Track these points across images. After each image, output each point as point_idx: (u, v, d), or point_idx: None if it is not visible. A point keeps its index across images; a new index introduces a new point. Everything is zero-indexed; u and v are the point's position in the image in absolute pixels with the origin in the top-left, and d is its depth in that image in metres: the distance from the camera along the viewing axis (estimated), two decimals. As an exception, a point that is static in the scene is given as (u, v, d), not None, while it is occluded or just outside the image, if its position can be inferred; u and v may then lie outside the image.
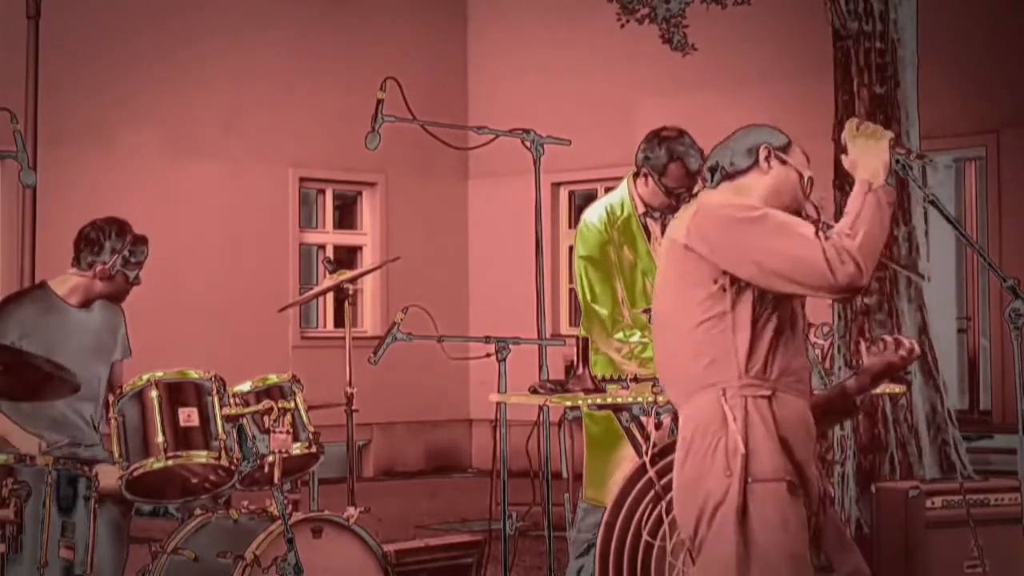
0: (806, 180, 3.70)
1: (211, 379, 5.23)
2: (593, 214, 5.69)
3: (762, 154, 3.69)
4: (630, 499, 4.97)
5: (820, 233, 3.45)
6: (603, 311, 5.54)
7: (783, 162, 3.70)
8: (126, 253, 5.47)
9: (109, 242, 5.46)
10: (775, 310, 3.56)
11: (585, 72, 13.09)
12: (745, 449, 3.49)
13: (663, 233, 5.65)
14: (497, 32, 14.05)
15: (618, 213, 5.62)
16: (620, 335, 5.49)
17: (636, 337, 5.47)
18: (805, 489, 3.53)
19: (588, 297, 5.58)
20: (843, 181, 9.10)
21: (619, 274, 5.58)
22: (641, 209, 5.61)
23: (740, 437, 3.50)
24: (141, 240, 5.55)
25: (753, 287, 3.53)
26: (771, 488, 3.49)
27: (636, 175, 5.65)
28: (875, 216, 3.46)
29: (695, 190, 5.51)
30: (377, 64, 10.79)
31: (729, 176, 3.71)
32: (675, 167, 5.52)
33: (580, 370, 5.16)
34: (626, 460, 5.22)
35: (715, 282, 3.56)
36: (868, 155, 3.52)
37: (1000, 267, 3.65)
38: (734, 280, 3.54)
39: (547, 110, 11.72)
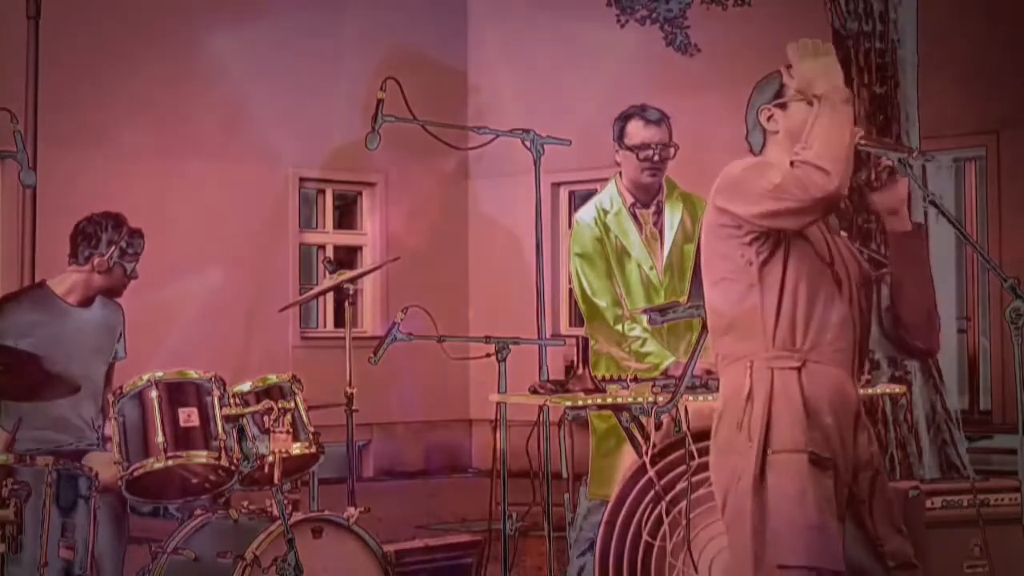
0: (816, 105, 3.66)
1: (211, 379, 5.23)
2: (585, 213, 5.77)
3: (763, 119, 3.74)
4: (630, 499, 4.98)
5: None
6: (602, 303, 5.57)
7: (783, 108, 3.73)
8: (123, 244, 5.48)
9: (106, 234, 5.48)
10: (805, 281, 3.58)
11: (585, 72, 13.09)
12: (767, 421, 3.52)
13: (655, 222, 5.71)
14: (497, 32, 14.05)
15: (608, 208, 5.69)
16: (621, 327, 5.52)
17: (637, 331, 5.48)
18: (836, 461, 3.54)
19: (588, 292, 5.61)
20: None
21: (616, 268, 5.61)
22: (630, 201, 5.68)
23: (762, 409, 3.53)
24: (137, 232, 5.57)
25: (779, 259, 3.57)
26: (791, 459, 3.51)
27: (618, 165, 5.74)
28: (829, 121, 3.51)
29: (670, 152, 5.60)
30: (377, 64, 10.80)
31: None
32: (632, 123, 5.63)
33: (580, 370, 5.17)
34: (633, 457, 5.23)
35: (742, 256, 3.60)
36: (821, 72, 3.57)
37: (1000, 267, 3.65)
38: (759, 252, 3.57)
39: (547, 110, 11.72)
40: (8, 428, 5.26)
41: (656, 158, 5.60)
